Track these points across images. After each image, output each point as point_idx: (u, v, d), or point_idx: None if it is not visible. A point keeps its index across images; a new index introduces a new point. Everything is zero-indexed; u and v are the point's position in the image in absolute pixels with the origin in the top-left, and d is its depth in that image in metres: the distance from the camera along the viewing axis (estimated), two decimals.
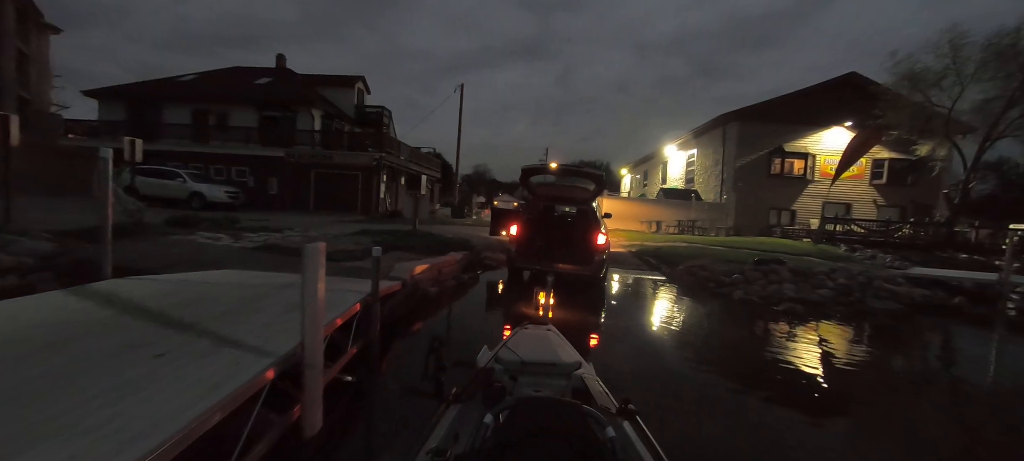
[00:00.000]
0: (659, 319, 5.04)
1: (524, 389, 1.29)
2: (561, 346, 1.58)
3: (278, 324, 2.08)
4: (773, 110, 18.48)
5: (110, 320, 2.03)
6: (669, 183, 26.25)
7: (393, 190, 21.02)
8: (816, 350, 4.12)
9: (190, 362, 1.57)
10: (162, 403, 1.23)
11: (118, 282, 2.94)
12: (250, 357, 1.64)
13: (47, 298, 2.46)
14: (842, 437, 2.43)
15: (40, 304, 2.30)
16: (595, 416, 0.97)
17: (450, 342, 3.61)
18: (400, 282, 3.77)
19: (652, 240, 12.54)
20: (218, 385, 1.39)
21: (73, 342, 1.71)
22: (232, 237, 5.76)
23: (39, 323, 1.89)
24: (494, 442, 0.87)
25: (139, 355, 1.61)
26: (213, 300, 2.47)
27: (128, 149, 8.01)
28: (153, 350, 1.65)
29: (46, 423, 1.10)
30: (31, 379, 1.35)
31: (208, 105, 20.43)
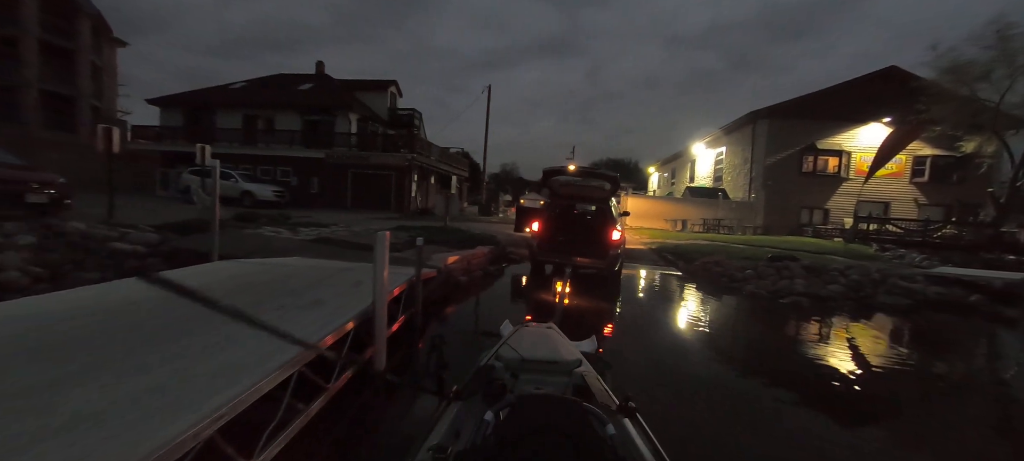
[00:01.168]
0: (666, 308, 5.46)
1: (525, 387, 1.28)
2: (562, 344, 1.60)
3: (348, 294, 2.74)
4: (805, 107, 18.09)
5: (238, 285, 2.79)
6: (697, 181, 25.98)
7: (424, 189, 21.99)
8: (801, 334, 4.52)
9: (301, 314, 2.23)
10: (297, 330, 1.89)
11: (226, 263, 3.74)
12: (336, 314, 2.29)
13: (197, 269, 3.32)
14: (774, 393, 2.90)
15: (197, 272, 3.14)
16: (595, 413, 0.98)
17: (479, 320, 4.23)
18: (436, 270, 4.40)
19: (674, 238, 12.76)
20: (323, 326, 2.04)
21: (233, 296, 2.47)
22: (289, 231, 6.61)
23: (207, 283, 2.70)
24: (495, 439, 0.88)
25: (268, 308, 2.31)
26: (298, 277, 3.20)
27: (199, 155, 9.12)
28: (273, 305, 2.33)
29: (241, 330, 1.77)
30: (211, 321, 2.05)
31: (256, 110, 22.07)
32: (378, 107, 24.28)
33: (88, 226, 4.75)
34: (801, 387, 3.03)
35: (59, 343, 1.65)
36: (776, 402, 2.72)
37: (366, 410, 2.20)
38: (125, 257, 4.36)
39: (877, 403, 2.84)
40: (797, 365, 3.59)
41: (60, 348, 1.60)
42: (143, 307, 2.19)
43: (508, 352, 1.47)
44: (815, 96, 18.22)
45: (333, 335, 2.02)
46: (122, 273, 4.00)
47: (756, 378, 3.25)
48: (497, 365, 1.41)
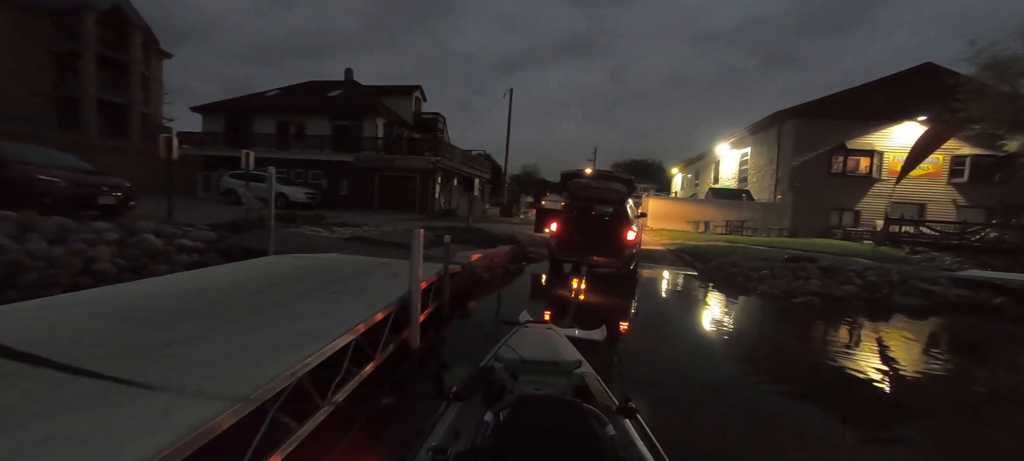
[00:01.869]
0: (676, 305, 5.67)
1: (524, 387, 1.29)
2: (561, 345, 1.61)
3: (388, 284, 3.15)
4: (834, 106, 17.67)
5: (299, 275, 3.28)
6: (721, 182, 25.61)
7: (447, 190, 22.58)
8: (801, 330, 4.67)
9: (351, 298, 2.66)
10: (349, 311, 2.30)
11: (282, 257, 4.27)
12: (378, 299, 2.69)
13: (263, 260, 3.86)
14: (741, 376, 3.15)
15: (263, 263, 3.67)
16: (595, 414, 0.98)
17: (499, 311, 4.60)
18: (460, 266, 4.79)
19: (694, 240, 12.79)
20: (371, 306, 2.45)
21: (293, 284, 2.96)
22: (326, 230, 7.17)
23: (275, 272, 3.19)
24: (494, 440, 0.88)
25: (322, 293, 2.78)
26: (343, 269, 3.66)
27: (244, 161, 9.88)
28: (328, 292, 2.77)
29: (305, 316, 2.19)
30: (285, 300, 2.50)
31: (289, 116, 23.23)
32: (403, 112, 25.10)
33: (156, 225, 5.38)
34: (782, 376, 3.25)
35: (196, 309, 2.15)
36: (759, 389, 2.95)
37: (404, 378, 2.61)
38: (189, 252, 4.95)
39: (851, 391, 2.99)
40: (786, 357, 3.79)
41: (198, 312, 2.09)
42: (240, 287, 2.67)
43: (508, 353, 1.47)
44: (845, 95, 17.76)
45: (381, 313, 2.43)
46: (188, 266, 4.57)
47: (743, 365, 3.48)
48: (497, 366, 1.40)
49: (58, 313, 2.03)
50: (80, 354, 1.51)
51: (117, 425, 1.10)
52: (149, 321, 1.97)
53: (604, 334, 3.53)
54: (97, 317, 1.98)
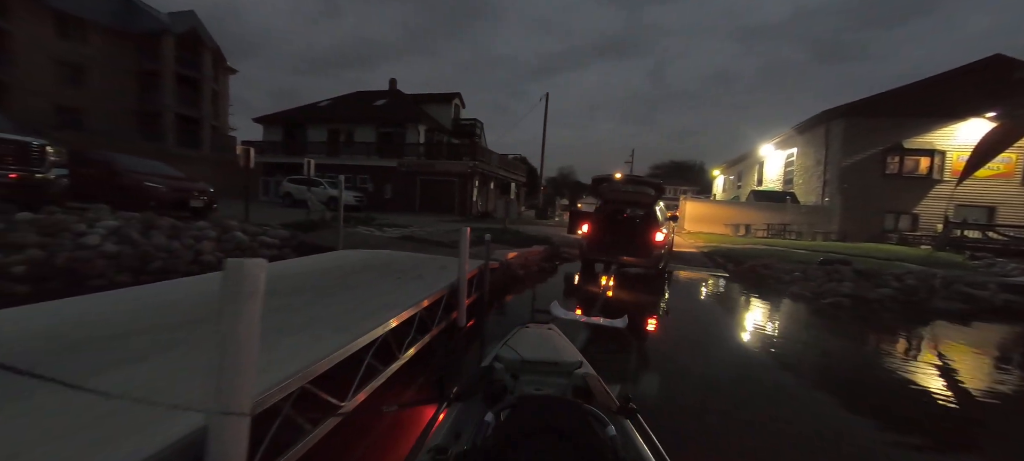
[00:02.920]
0: (699, 302, 5.91)
1: (525, 388, 1.29)
2: (562, 345, 1.62)
3: (439, 274, 3.74)
4: (889, 103, 16.74)
5: (366, 266, 3.96)
6: (765, 184, 24.73)
7: (484, 193, 23.34)
8: (816, 327, 4.73)
9: (410, 284, 3.26)
10: (412, 292, 2.89)
11: (350, 252, 5.02)
12: (432, 285, 3.27)
13: (335, 254, 4.60)
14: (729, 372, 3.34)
15: (337, 257, 4.41)
16: (596, 415, 0.98)
17: (534, 301, 5.10)
18: (498, 262, 5.34)
19: (730, 243, 12.67)
20: (428, 289, 3.05)
21: (365, 272, 3.62)
22: (378, 230, 7.97)
23: (348, 263, 3.88)
24: (495, 440, 0.89)
25: (389, 279, 3.42)
26: (401, 261, 4.32)
27: (306, 168, 10.99)
28: (392, 278, 3.40)
29: (381, 294, 2.79)
30: (362, 283, 3.13)
31: (339, 125, 24.93)
32: (443, 118, 26.19)
33: (239, 224, 6.32)
34: (776, 365, 3.47)
35: (308, 286, 2.85)
36: (751, 374, 3.21)
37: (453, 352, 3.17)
38: (269, 247, 5.82)
39: (844, 385, 3.15)
40: (793, 350, 3.95)
41: (311, 288, 2.78)
42: (326, 273, 3.36)
43: (508, 353, 1.47)
44: (902, 91, 16.79)
45: (432, 298, 3.01)
46: (270, 259, 5.41)
47: (746, 356, 3.71)
48: (497, 366, 1.40)
49: (209, 284, 2.75)
50: None
51: (278, 351, 1.69)
52: (273, 293, 2.65)
53: (626, 323, 3.93)
54: None
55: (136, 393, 1.24)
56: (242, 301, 1.07)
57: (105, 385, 1.30)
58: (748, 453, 2.03)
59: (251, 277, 1.08)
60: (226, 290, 1.07)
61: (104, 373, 1.42)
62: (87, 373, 1.40)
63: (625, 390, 1.30)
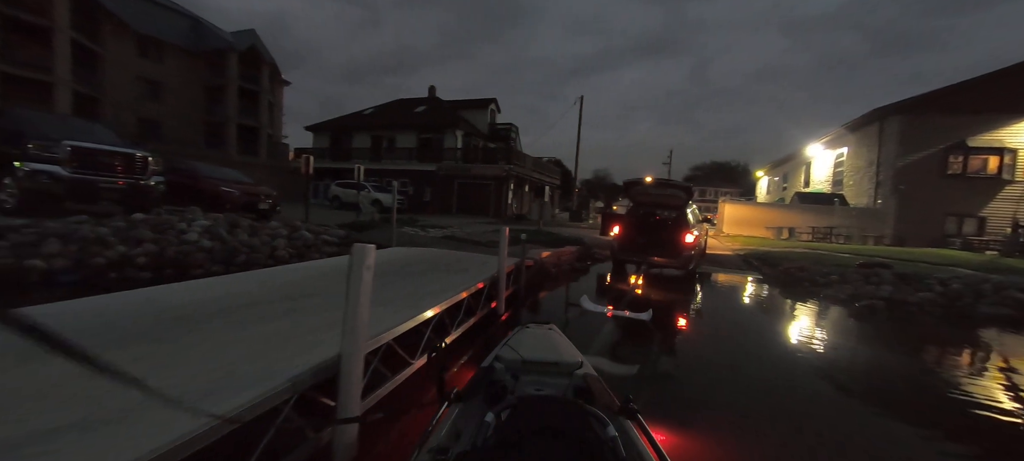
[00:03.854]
0: (726, 301, 6.01)
1: (526, 388, 1.30)
2: (563, 345, 1.62)
3: (480, 268, 4.24)
4: (951, 98, 15.70)
5: (418, 261, 4.52)
6: (813, 186, 23.67)
7: (519, 196, 23.86)
8: (839, 330, 4.69)
9: (456, 276, 3.76)
10: (461, 283, 3.39)
11: (401, 249, 5.65)
12: (474, 278, 3.76)
13: (390, 251, 5.23)
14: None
15: (392, 253, 5.02)
16: (596, 415, 0.99)
17: (567, 296, 5.49)
18: (533, 260, 5.78)
19: (769, 245, 12.42)
20: (472, 280, 3.54)
21: (418, 265, 4.19)
22: (421, 231, 8.63)
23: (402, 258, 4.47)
24: (495, 441, 0.89)
25: (438, 271, 3.94)
26: (446, 258, 4.86)
27: (356, 174, 11.93)
28: (440, 271, 3.93)
29: (433, 282, 3.31)
30: (418, 274, 3.67)
31: (382, 131, 26.30)
32: (479, 123, 26.99)
33: (304, 225, 7.13)
34: (781, 360, 3.59)
35: None
36: (754, 368, 3.38)
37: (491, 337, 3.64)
38: (329, 244, 6.56)
39: (843, 383, 3.17)
40: (807, 346, 4.02)
41: None
42: (387, 265, 3.94)
43: (509, 353, 1.48)
44: (965, 86, 15.70)
45: (475, 288, 3.50)
46: (331, 255, 6.12)
47: (759, 350, 3.86)
48: (498, 366, 1.41)
49: (291, 274, 3.38)
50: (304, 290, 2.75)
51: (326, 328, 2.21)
52: (337, 279, 3.24)
53: (650, 316, 4.26)
54: (325, 272, 3.30)
55: (283, 337, 1.79)
56: (363, 272, 1.58)
57: (263, 331, 1.87)
58: (743, 442, 2.18)
59: (368, 256, 1.59)
60: (353, 264, 1.58)
61: (255, 325, 2.00)
62: (242, 325, 1.98)
63: (626, 390, 1.27)
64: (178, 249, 5.16)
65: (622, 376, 2.92)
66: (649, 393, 2.70)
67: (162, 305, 2.21)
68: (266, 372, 1.47)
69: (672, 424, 2.24)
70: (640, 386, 2.80)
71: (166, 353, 1.58)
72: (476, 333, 3.42)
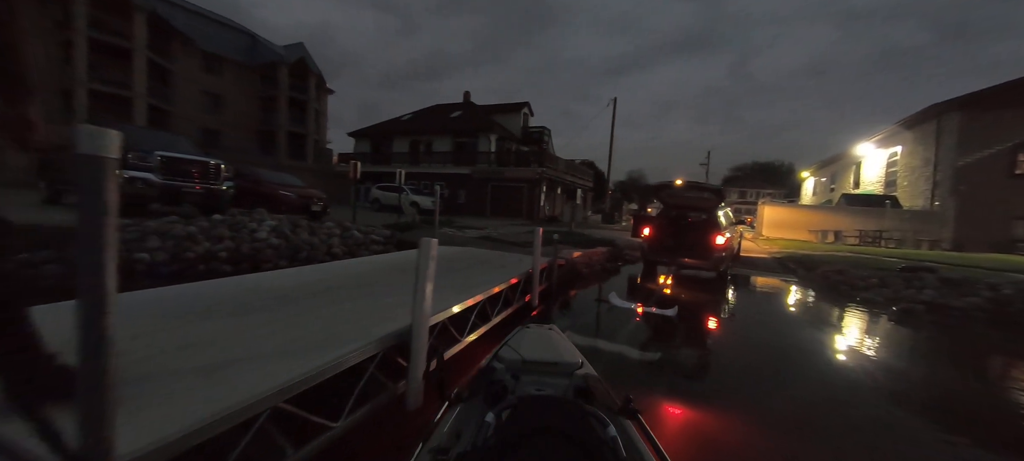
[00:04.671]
0: (756, 302, 6.02)
1: (526, 388, 1.30)
2: (563, 345, 1.63)
3: (516, 265, 4.64)
4: (1017, 93, 14.57)
5: (460, 258, 4.99)
6: (863, 187, 22.49)
7: (551, 198, 24.13)
8: (867, 331, 4.62)
9: (494, 271, 4.17)
10: (499, 277, 3.80)
11: (443, 247, 6.14)
12: (511, 273, 4.15)
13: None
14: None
15: (437, 251, 5.54)
16: (597, 415, 1.00)
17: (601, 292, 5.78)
18: (564, 260, 6.11)
19: (810, 249, 12.06)
20: (508, 274, 3.94)
21: (460, 261, 4.66)
22: (459, 231, 9.15)
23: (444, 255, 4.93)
24: (496, 441, 0.90)
25: (479, 265, 4.37)
26: (485, 256, 5.31)
27: (399, 177, 12.68)
28: (482, 266, 4.36)
29: (477, 275, 3.74)
30: (462, 269, 4.12)
31: (419, 136, 27.36)
32: (512, 126, 27.50)
33: (354, 226, 7.80)
34: (785, 356, 3.69)
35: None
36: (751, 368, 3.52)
37: None
38: (377, 243, 7.18)
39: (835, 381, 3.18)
40: (828, 345, 4.03)
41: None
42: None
43: (509, 353, 1.49)
44: None
45: (512, 281, 3.90)
46: (379, 252, 6.72)
47: (775, 346, 3.96)
48: (498, 367, 1.42)
49: (356, 266, 3.91)
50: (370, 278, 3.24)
51: None
52: (407, 269, 3.73)
53: (676, 312, 4.50)
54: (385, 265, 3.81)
55: (364, 312, 2.26)
56: (428, 261, 2.01)
57: (347, 307, 2.36)
58: (747, 430, 2.28)
59: (432, 248, 2.03)
60: (421, 254, 2.01)
61: (340, 303, 2.50)
62: (331, 302, 2.48)
63: (626, 390, 1.30)
64: (251, 246, 5.89)
65: (646, 362, 3.23)
66: (666, 380, 2.98)
67: (265, 288, 2.75)
68: (359, 333, 1.94)
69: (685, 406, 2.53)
70: (660, 374, 3.09)
71: (280, 321, 2.08)
72: (513, 323, 3.82)
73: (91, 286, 0.86)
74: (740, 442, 2.11)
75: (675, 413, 2.41)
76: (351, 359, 1.72)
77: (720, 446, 2.08)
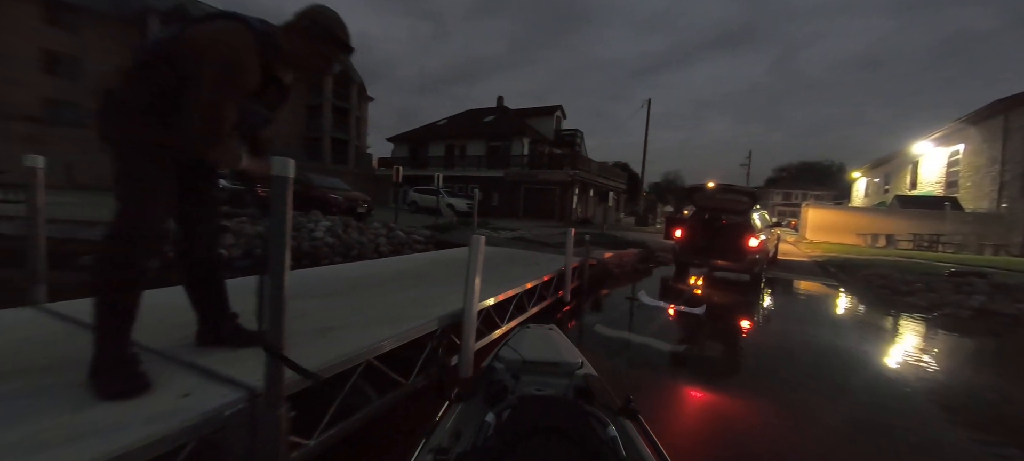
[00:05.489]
0: (787, 303, 6.00)
1: (526, 388, 1.29)
2: (563, 345, 1.63)
3: (549, 263, 4.97)
4: None
5: (497, 256, 5.40)
6: (920, 187, 21.09)
7: (584, 201, 24.21)
8: (893, 336, 4.51)
9: (529, 268, 4.53)
10: (534, 274, 4.16)
11: None
12: (544, 270, 4.49)
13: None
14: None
15: None
16: (597, 415, 1.00)
17: (622, 294, 6.00)
18: (596, 260, 6.38)
19: (855, 253, 11.60)
20: (543, 271, 4.29)
21: (498, 258, 5.07)
22: (494, 232, 9.59)
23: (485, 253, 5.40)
24: (496, 441, 0.90)
25: (516, 264, 4.75)
26: (521, 255, 5.70)
27: (437, 181, 13.33)
28: (519, 263, 4.74)
29: (513, 271, 4.13)
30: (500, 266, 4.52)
31: (454, 140, 28.21)
32: (545, 129, 27.80)
33: (397, 227, 8.40)
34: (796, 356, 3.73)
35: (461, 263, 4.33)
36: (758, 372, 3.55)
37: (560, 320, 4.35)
38: (419, 243, 7.72)
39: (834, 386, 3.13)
40: (852, 349, 4.00)
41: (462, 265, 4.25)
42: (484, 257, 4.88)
43: (509, 353, 1.50)
44: None
45: (546, 277, 4.24)
46: (421, 251, 7.24)
47: (798, 345, 3.99)
48: (498, 366, 1.43)
49: (407, 263, 4.38)
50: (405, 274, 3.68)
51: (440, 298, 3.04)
52: (455, 263, 4.17)
53: (704, 310, 4.68)
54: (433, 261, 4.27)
55: (421, 298, 2.69)
56: (477, 255, 2.40)
57: (407, 294, 2.80)
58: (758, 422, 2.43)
59: (481, 244, 2.42)
60: (472, 248, 2.41)
61: (401, 291, 2.95)
62: (394, 290, 2.94)
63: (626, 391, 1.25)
64: (310, 244, 6.56)
65: (669, 353, 3.48)
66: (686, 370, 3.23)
67: (334, 278, 3.26)
68: (421, 313, 2.37)
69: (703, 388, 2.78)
70: (681, 365, 3.33)
71: (357, 303, 2.53)
72: (547, 315, 4.17)
73: (277, 262, 1.30)
74: (744, 435, 2.28)
75: (676, 413, 2.45)
76: (417, 333, 2.16)
77: (719, 443, 2.16)
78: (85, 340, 1.68)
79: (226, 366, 1.54)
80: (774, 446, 2.17)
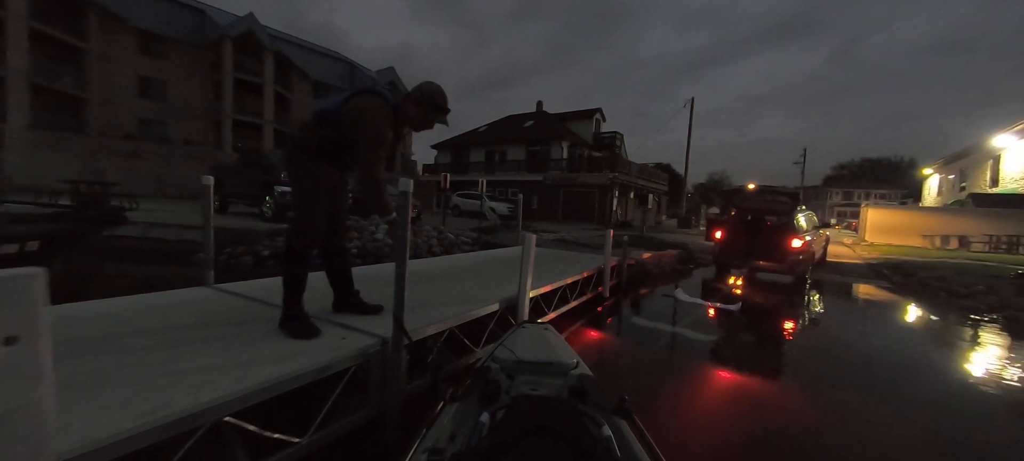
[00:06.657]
0: (830, 304, 5.94)
1: (521, 388, 1.28)
2: (558, 345, 1.63)
3: (588, 261, 5.39)
4: None
5: (544, 253, 5.90)
6: (1003, 184, 19.26)
7: (623, 203, 24.12)
8: (940, 338, 4.46)
9: (569, 265, 4.96)
10: (575, 268, 4.60)
11: (514, 249, 7.11)
12: (584, 267, 4.90)
13: (518, 248, 6.72)
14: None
15: (519, 249, 6.50)
16: (591, 415, 1.00)
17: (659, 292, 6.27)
18: (634, 260, 6.69)
19: (917, 255, 10.97)
20: (584, 267, 4.72)
21: (542, 257, 5.55)
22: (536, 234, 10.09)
23: None
24: (490, 441, 0.90)
25: (559, 261, 5.23)
26: (562, 255, 6.15)
27: (481, 186, 14.02)
28: (562, 261, 5.20)
29: (557, 267, 4.58)
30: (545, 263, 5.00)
31: (494, 146, 29.01)
32: (584, 133, 27.95)
33: (447, 230, 9.09)
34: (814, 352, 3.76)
35: (513, 260, 4.85)
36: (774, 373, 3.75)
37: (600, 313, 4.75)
38: (466, 244, 8.36)
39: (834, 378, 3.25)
40: (894, 350, 4.03)
41: (513, 262, 4.77)
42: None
43: (504, 353, 1.50)
44: None
45: (587, 274, 4.66)
46: (468, 251, 7.85)
47: (826, 345, 4.03)
48: (493, 366, 1.44)
49: (460, 261, 4.96)
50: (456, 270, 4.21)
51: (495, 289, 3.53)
52: (508, 261, 4.69)
53: (739, 307, 4.90)
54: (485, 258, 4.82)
55: (482, 286, 3.23)
56: (529, 252, 2.90)
57: (471, 282, 3.36)
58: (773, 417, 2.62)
59: (533, 241, 2.93)
60: (525, 245, 2.91)
61: (464, 282, 3.51)
62: (458, 280, 3.50)
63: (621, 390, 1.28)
64: (373, 244, 7.36)
65: (700, 341, 3.80)
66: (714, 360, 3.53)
67: (409, 272, 3.87)
68: (486, 297, 2.92)
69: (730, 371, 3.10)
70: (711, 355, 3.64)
71: (428, 291, 3.11)
72: (585, 310, 4.59)
73: (401, 251, 1.87)
74: (751, 422, 2.50)
75: (670, 413, 2.53)
76: (483, 311, 2.72)
77: (720, 437, 2.29)
78: (251, 308, 2.35)
79: (363, 324, 2.19)
80: (774, 418, 2.52)
